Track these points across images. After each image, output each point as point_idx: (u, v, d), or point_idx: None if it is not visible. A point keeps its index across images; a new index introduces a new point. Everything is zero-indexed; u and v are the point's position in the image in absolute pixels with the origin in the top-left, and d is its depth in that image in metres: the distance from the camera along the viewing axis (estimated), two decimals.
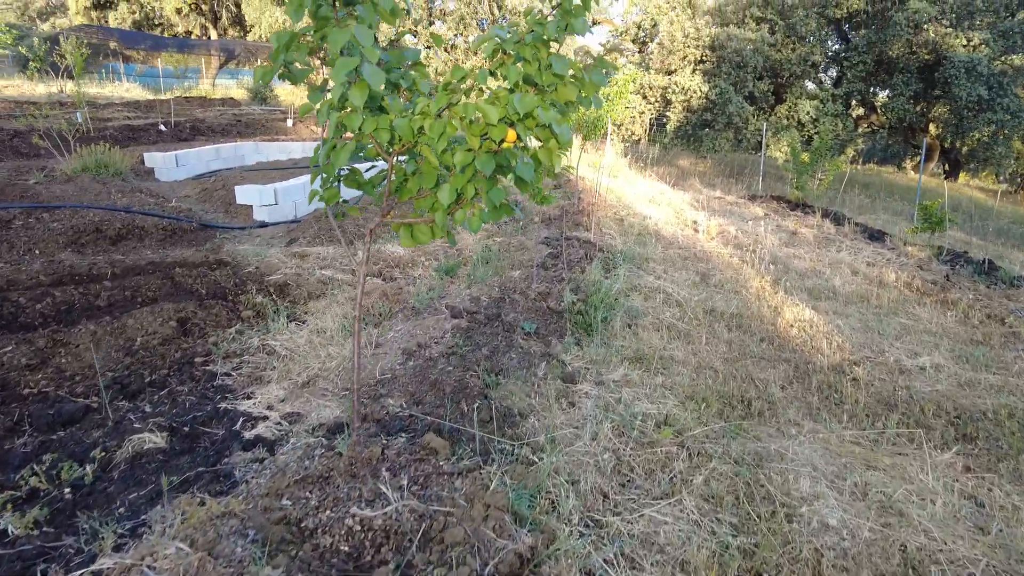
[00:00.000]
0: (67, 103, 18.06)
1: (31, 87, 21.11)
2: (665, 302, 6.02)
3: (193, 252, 6.53)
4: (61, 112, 16.51)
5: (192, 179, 11.00)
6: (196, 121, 17.36)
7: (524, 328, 4.69)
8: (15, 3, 46.94)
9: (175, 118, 17.44)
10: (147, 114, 18.36)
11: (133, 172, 11.02)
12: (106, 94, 22.37)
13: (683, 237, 9.58)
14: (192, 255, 6.30)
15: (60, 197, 7.89)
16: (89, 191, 8.28)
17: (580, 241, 7.68)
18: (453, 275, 6.45)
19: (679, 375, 4.50)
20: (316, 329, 4.87)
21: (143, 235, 6.91)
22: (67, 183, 8.57)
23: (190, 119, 17.70)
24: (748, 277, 7.45)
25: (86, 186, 8.44)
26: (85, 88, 22.16)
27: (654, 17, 24.25)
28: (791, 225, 11.98)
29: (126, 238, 6.76)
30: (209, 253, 6.49)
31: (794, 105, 19.41)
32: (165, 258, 6.03)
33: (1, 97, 19.46)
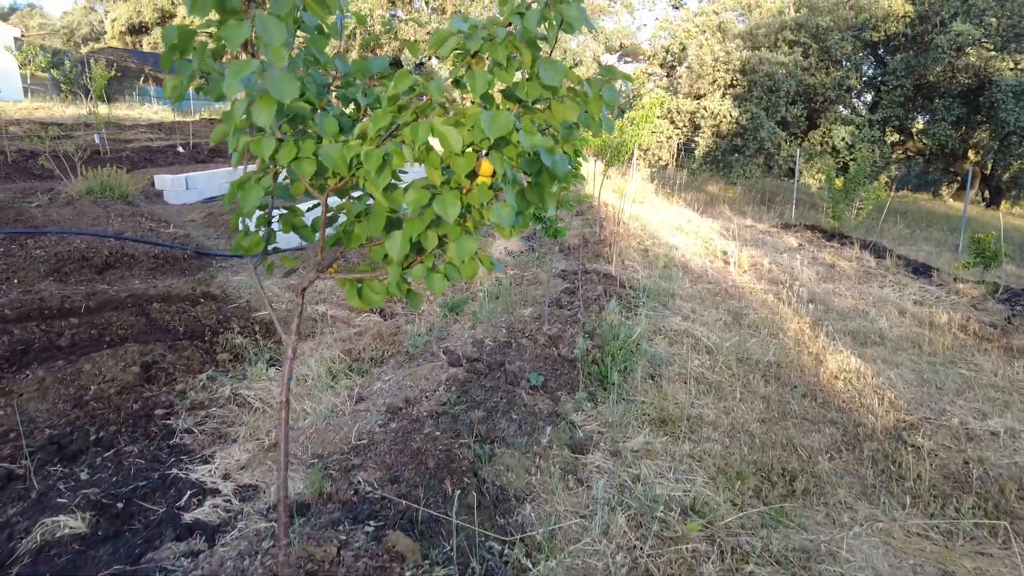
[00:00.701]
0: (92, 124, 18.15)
1: (61, 109, 21.33)
2: (693, 348, 5.38)
3: (183, 283, 6.09)
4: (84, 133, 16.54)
5: (202, 202, 10.69)
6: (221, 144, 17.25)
7: (530, 380, 4.10)
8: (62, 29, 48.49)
9: (196, 140, 17.36)
10: (169, 136, 18.31)
11: (143, 195, 10.76)
12: (134, 115, 22.52)
13: (712, 270, 8.92)
14: (180, 286, 5.86)
15: (56, 221, 7.57)
16: (87, 215, 7.96)
17: (600, 275, 7.09)
18: (459, 312, 5.90)
19: (709, 441, 3.86)
20: (297, 376, 4.34)
21: (132, 263, 6.50)
22: (66, 206, 8.27)
23: (207, 140, 17.60)
24: (785, 318, 6.77)
25: (85, 210, 8.12)
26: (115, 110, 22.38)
27: (683, 41, 23.79)
28: (828, 257, 11.23)
29: (114, 267, 6.35)
30: (198, 284, 6.04)
31: (828, 130, 18.66)
32: (148, 290, 5.58)
33: (31, 118, 19.56)
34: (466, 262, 1.66)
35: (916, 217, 20.37)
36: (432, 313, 5.96)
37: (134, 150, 14.40)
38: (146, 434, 3.59)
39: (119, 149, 14.02)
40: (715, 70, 18.99)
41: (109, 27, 31.58)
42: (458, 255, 1.57)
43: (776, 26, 19.56)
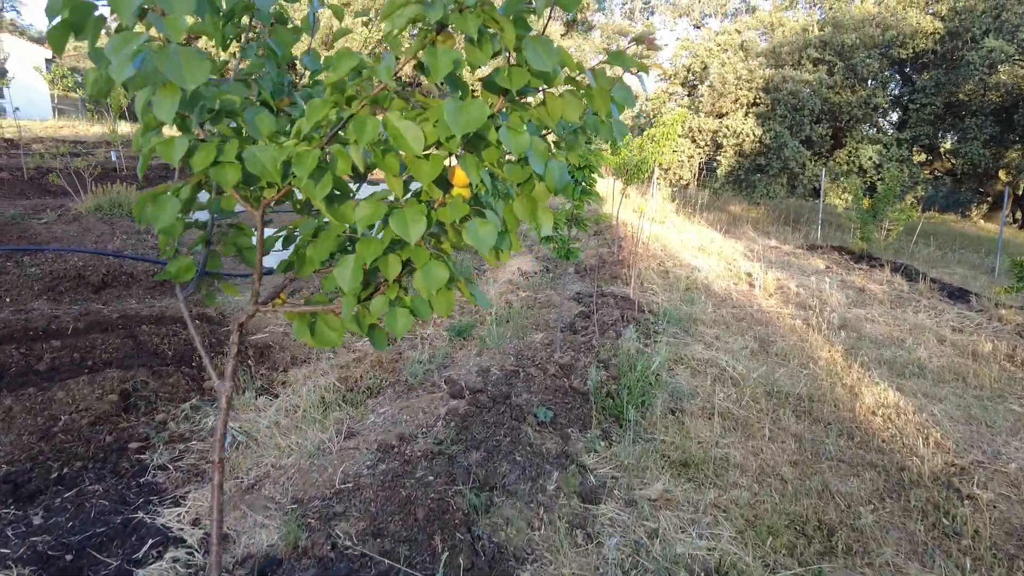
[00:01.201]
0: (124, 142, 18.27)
1: (86, 127, 21.56)
2: (718, 379, 4.98)
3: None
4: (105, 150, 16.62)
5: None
6: None
7: (537, 416, 3.73)
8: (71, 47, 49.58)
9: None
10: None
11: None
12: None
13: (737, 293, 8.50)
14: (176, 307, 5.60)
15: (59, 238, 7.40)
16: (92, 232, 7.79)
17: (617, 298, 6.72)
18: (466, 336, 5.57)
19: (736, 488, 3.46)
20: (286, 407, 4.02)
21: (131, 282, 6.27)
22: (72, 223, 8.12)
23: None
24: (815, 345, 6.33)
25: (91, 227, 7.96)
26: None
27: (704, 60, 23.51)
28: (857, 280, 10.74)
29: (111, 285, 6.13)
30: (196, 305, 5.78)
31: (855, 150, 18.16)
32: (142, 311, 5.33)
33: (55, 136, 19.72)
34: (438, 294, 1.33)
35: (946, 238, 19.70)
36: (439, 338, 5.63)
37: (152, 167, 14.38)
38: (115, 471, 3.29)
39: (134, 166, 14.02)
40: (737, 88, 18.64)
41: None
42: (425, 286, 1.24)
43: (800, 44, 19.20)
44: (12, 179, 11.49)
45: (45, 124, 21.72)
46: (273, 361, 4.82)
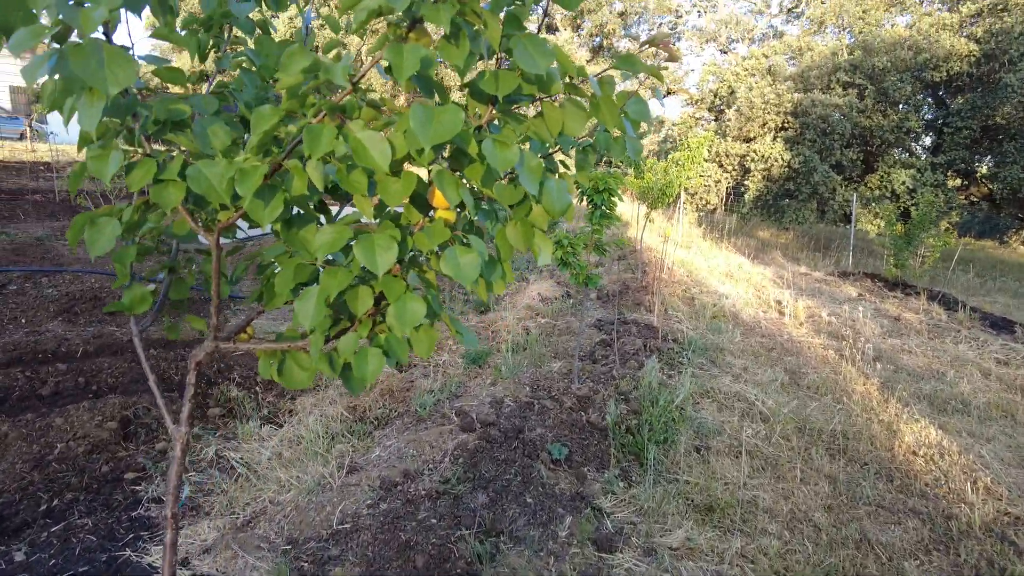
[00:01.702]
0: None
1: None
2: (746, 414, 4.71)
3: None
4: None
5: (241, 240, 10.60)
6: None
7: (551, 452, 3.52)
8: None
9: None
10: None
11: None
12: None
13: (766, 322, 8.20)
14: (187, 331, 5.52)
15: (80, 259, 7.43)
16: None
17: (640, 325, 6.49)
18: (481, 364, 5.38)
19: (765, 535, 3.19)
20: (290, 437, 3.87)
21: None
22: None
23: None
24: (849, 378, 6.00)
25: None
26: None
27: (731, 84, 23.31)
28: (892, 309, 10.33)
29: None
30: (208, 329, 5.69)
31: (887, 174, 17.71)
32: (154, 333, 5.25)
33: None
34: (418, 332, 1.15)
35: (985, 265, 19.02)
36: (453, 365, 5.45)
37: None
38: (108, 503, 3.14)
39: None
40: (765, 112, 18.37)
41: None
42: (399, 323, 1.06)
43: (829, 68, 18.90)
44: (44, 201, 11.70)
45: None
46: (281, 388, 4.68)
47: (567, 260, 4.17)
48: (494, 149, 0.95)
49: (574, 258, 4.23)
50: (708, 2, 33.09)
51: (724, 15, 32.16)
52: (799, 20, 31.93)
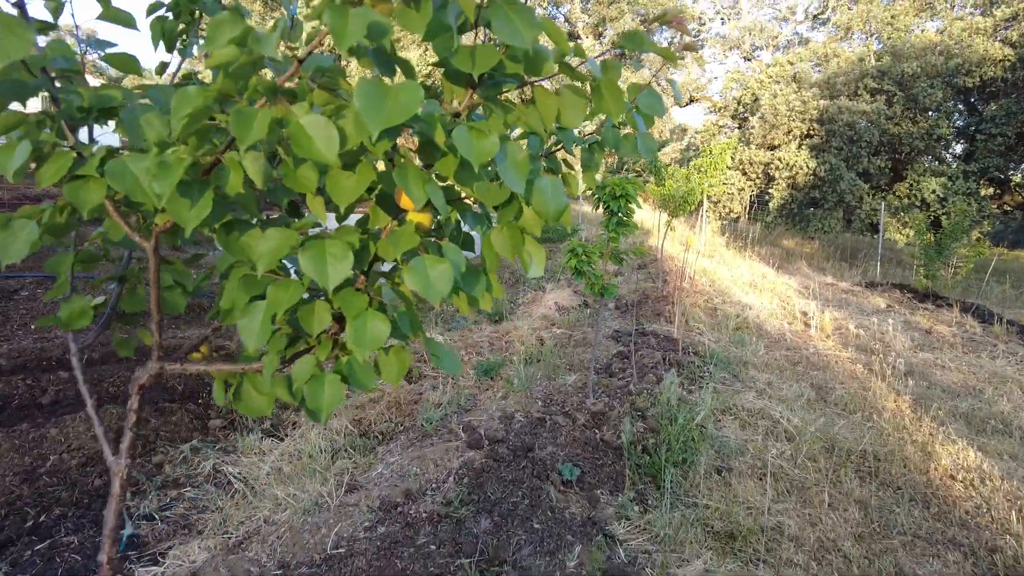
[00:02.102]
0: None
1: None
2: (770, 433, 4.47)
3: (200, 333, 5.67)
4: None
5: None
6: None
7: (562, 473, 3.32)
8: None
9: None
10: None
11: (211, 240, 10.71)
12: None
13: (791, 334, 7.91)
14: (198, 337, 5.43)
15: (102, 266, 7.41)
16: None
17: (659, 337, 6.26)
18: (493, 376, 5.20)
19: (791, 566, 2.96)
20: (291, 452, 3.72)
21: None
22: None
23: None
24: (879, 394, 5.72)
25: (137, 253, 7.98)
26: None
27: (755, 92, 22.98)
28: (923, 321, 9.95)
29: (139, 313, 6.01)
30: (221, 335, 5.60)
31: (916, 182, 17.25)
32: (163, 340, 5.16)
33: None
34: (388, 355, 0.98)
35: (1021, 276, 18.41)
36: (465, 376, 5.29)
37: None
38: (96, 520, 3.02)
39: None
40: (790, 120, 18.03)
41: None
42: (358, 345, 0.89)
43: (856, 74, 18.51)
44: None
45: None
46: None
47: (582, 269, 3.99)
48: (468, 138, 0.78)
49: (589, 267, 4.04)
50: (732, 9, 32.76)
51: (748, 22, 31.81)
52: (825, 27, 31.48)
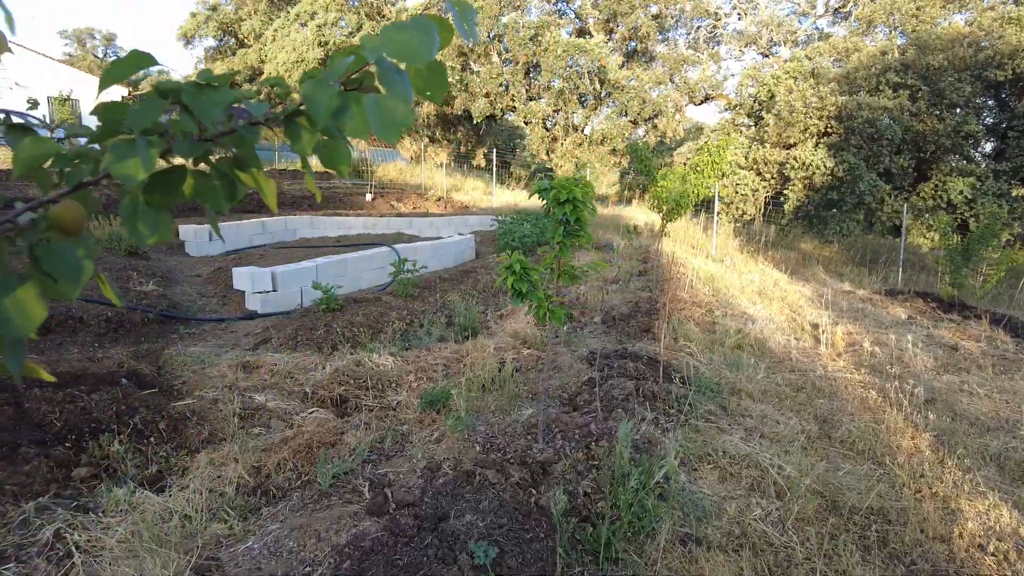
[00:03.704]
0: None
1: None
2: (756, 486, 3.71)
3: (123, 353, 5.06)
4: None
5: (224, 255, 9.98)
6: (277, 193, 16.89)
7: (474, 555, 2.61)
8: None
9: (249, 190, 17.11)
10: None
11: (166, 246, 10.17)
12: None
13: (798, 352, 7.11)
14: (110, 360, 4.80)
15: None
16: None
17: (642, 360, 5.52)
18: (440, 407, 4.50)
19: None
20: (161, 511, 3.05)
21: (78, 328, 5.56)
22: None
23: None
24: (894, 429, 4.92)
25: None
26: None
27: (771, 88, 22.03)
28: (947, 336, 9.05)
29: (54, 331, 5.42)
30: (137, 358, 4.97)
31: (942, 183, 16.21)
32: (59, 365, 4.54)
33: None
34: None
35: None
36: (409, 407, 4.60)
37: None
38: None
39: None
40: (806, 117, 17.09)
41: None
42: None
43: (878, 68, 17.52)
44: None
45: None
46: (185, 437, 3.89)
47: (521, 290, 3.27)
48: None
49: (531, 287, 3.33)
50: (749, 3, 31.74)
51: (765, 17, 30.78)
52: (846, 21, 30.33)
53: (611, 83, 24.56)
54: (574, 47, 22.43)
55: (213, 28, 31.67)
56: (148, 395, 4.26)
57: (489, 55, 25.13)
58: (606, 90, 25.49)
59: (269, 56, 28.77)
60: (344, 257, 7.94)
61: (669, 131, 27.08)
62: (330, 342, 5.70)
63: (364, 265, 8.19)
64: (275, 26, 29.15)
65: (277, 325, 6.16)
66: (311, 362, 5.22)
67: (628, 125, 24.90)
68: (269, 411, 4.27)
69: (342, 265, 7.82)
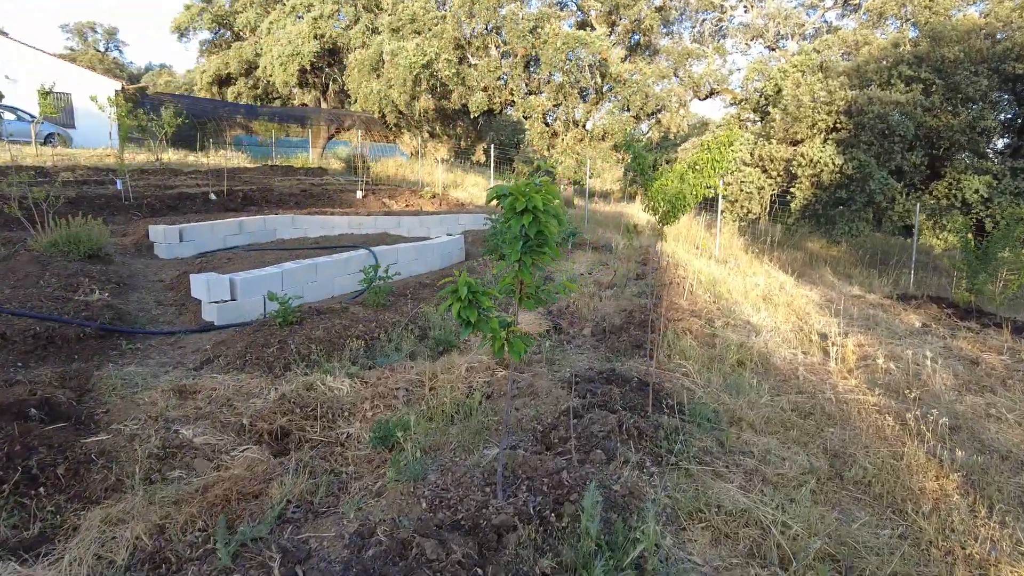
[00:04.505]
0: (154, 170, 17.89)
1: (131, 155, 21.47)
2: (755, 550, 3.11)
3: (48, 374, 4.49)
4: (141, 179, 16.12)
5: (196, 257, 9.41)
6: (263, 190, 16.37)
7: None
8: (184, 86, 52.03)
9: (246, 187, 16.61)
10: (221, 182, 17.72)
11: (135, 247, 9.61)
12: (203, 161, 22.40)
13: (805, 369, 6.50)
14: (17, 388, 4.23)
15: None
16: (15, 275, 6.66)
17: (630, 384, 4.92)
18: (392, 444, 3.91)
19: None
20: None
21: (3, 344, 4.99)
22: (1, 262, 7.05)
23: (259, 187, 16.78)
24: (916, 467, 4.31)
25: (17, 268, 6.85)
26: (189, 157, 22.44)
27: (778, 82, 21.33)
28: (967, 348, 8.41)
29: None
30: (56, 382, 4.40)
31: (957, 181, 15.50)
32: None
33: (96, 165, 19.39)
34: None
35: None
36: (359, 444, 4.02)
37: (166, 196, 13.59)
38: None
39: (146, 195, 13.21)
40: (814, 112, 16.39)
41: (198, 78, 32.71)
42: None
43: (890, 61, 16.80)
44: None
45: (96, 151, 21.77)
46: (86, 485, 3.32)
47: (468, 319, 2.69)
48: None
49: (483, 314, 2.74)
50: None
51: (772, 9, 30.01)
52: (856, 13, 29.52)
53: (612, 77, 23.85)
54: (574, 39, 21.75)
55: (208, 21, 31.08)
56: (55, 430, 3.69)
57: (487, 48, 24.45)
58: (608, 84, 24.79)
59: (264, 49, 28.17)
60: (315, 261, 7.35)
61: (673, 127, 26.38)
62: (283, 361, 5.12)
63: (337, 270, 7.61)
64: (271, 19, 28.54)
65: (229, 340, 5.58)
66: (257, 386, 4.65)
67: (631, 120, 24.22)
68: (195, 449, 3.69)
69: (312, 270, 7.24)
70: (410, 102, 23.72)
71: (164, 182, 15.89)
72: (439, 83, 22.68)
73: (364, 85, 24.40)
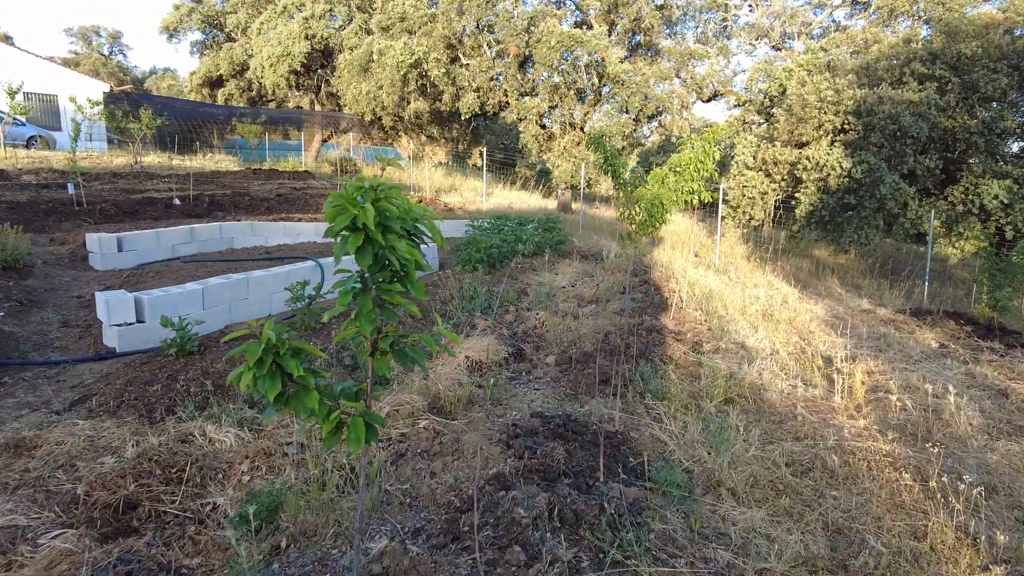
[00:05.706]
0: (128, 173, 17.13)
1: (109, 158, 20.72)
2: None
3: None
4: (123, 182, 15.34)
5: (136, 268, 8.55)
6: (237, 195, 15.53)
7: None
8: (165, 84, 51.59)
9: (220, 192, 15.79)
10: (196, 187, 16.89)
11: (69, 257, 8.76)
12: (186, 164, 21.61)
13: (805, 404, 5.54)
14: None
15: None
16: None
17: (586, 436, 3.99)
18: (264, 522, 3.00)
19: None
20: None
21: None
22: None
23: (234, 192, 15.96)
24: (941, 549, 3.37)
25: None
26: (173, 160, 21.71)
27: (783, 83, 20.36)
28: (992, 374, 7.40)
29: None
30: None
31: (974, 185, 14.49)
32: None
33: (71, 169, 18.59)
34: None
35: None
36: (225, 520, 3.10)
37: (124, 201, 12.73)
38: None
39: (103, 200, 12.35)
40: (821, 112, 15.40)
41: (189, 80, 32.05)
42: None
43: (902, 58, 15.82)
44: None
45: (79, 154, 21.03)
46: None
47: (268, 392, 1.77)
48: None
49: (293, 385, 1.83)
50: None
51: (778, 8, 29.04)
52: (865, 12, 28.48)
53: (611, 77, 22.92)
54: (569, 38, 20.85)
55: (197, 21, 30.37)
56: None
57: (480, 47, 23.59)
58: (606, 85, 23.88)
59: (255, 50, 27.44)
60: (247, 276, 6.45)
61: (675, 129, 25.43)
62: (166, 403, 4.22)
63: (277, 285, 6.71)
64: (262, 19, 27.81)
65: (115, 374, 4.69)
66: (119, 437, 3.75)
67: (630, 122, 23.28)
68: None
69: (243, 286, 6.34)
70: (400, 103, 22.86)
71: (133, 186, 15.09)
72: (429, 83, 21.82)
73: (353, 86, 23.58)
